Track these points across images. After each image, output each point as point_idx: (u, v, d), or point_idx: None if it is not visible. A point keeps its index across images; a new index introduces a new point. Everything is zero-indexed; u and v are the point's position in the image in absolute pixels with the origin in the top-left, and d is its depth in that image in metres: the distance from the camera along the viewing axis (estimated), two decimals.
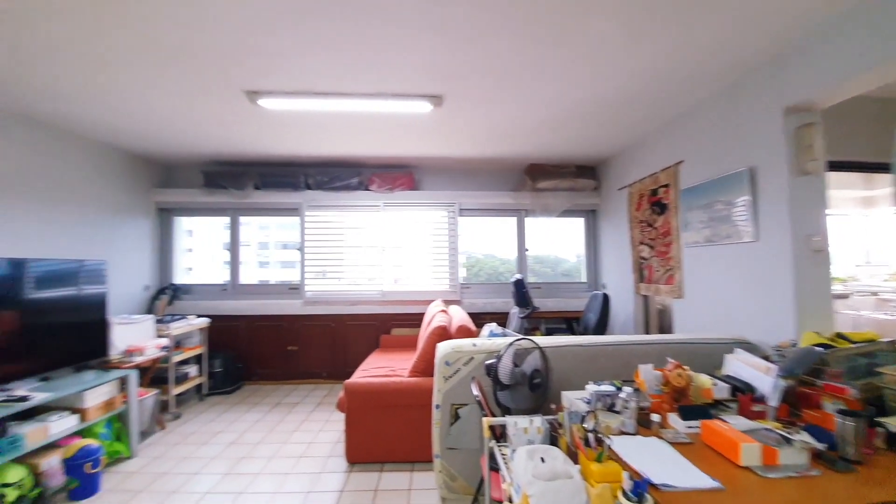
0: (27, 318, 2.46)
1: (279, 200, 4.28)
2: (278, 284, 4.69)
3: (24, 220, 2.86)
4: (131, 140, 3.50)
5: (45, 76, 2.29)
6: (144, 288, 4.12)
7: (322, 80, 2.37)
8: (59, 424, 2.25)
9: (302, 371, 4.31)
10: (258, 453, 2.77)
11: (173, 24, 1.82)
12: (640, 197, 3.39)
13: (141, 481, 2.42)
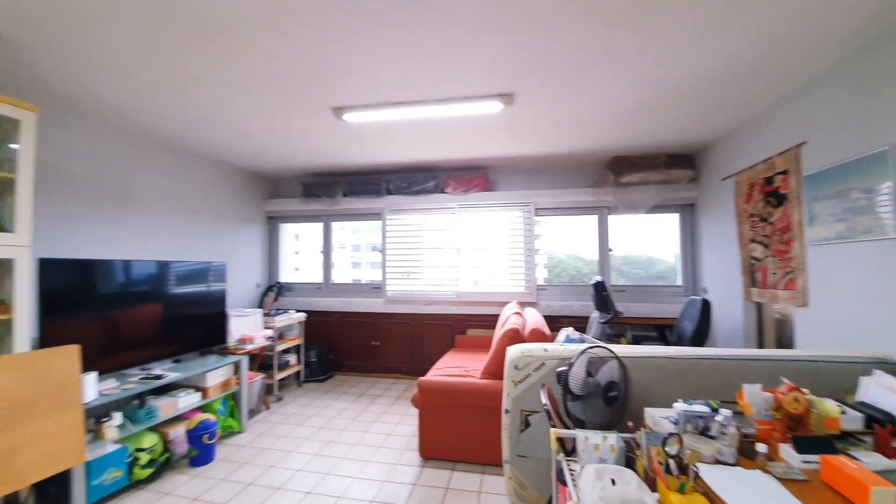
0: (168, 310, 3.00)
1: (364, 206, 4.60)
2: (364, 284, 5.04)
3: (167, 228, 3.50)
4: (245, 159, 4.07)
5: (181, 107, 2.78)
6: (256, 286, 4.75)
7: (396, 90, 2.48)
8: (185, 400, 2.71)
9: (384, 365, 4.56)
10: (343, 439, 3.00)
11: (271, 55, 2.07)
12: (750, 187, 2.91)
13: (248, 454, 2.79)
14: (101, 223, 2.91)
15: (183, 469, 2.58)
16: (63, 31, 1.86)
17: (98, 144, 2.91)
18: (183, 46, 1.99)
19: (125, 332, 2.68)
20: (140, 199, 3.24)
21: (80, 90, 2.47)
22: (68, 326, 2.31)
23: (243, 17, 1.77)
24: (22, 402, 1.70)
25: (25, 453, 1.69)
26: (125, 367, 2.63)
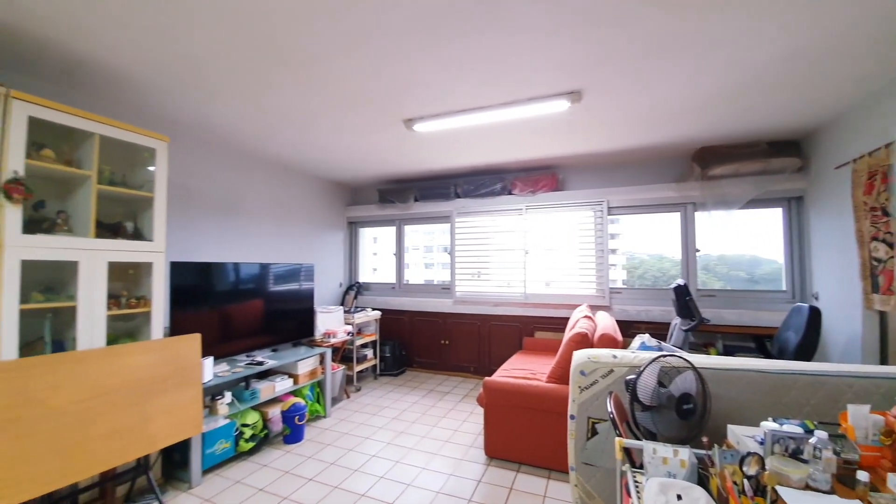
0: (268, 305, 3.44)
1: (434, 210, 4.79)
2: (434, 284, 5.22)
3: (267, 234, 4.02)
4: (329, 171, 4.49)
5: (278, 130, 3.18)
6: (339, 285, 5.20)
7: (462, 98, 2.57)
8: (281, 384, 3.08)
9: (453, 364, 4.69)
10: (413, 430, 3.17)
11: (349, 78, 2.30)
12: (870, 176, 2.46)
13: (330, 436, 3.09)
14: (216, 231, 3.45)
15: (278, 445, 2.95)
16: (184, 74, 2.26)
17: (214, 165, 3.45)
18: (277, 77, 2.29)
19: (235, 324, 3.14)
20: (246, 209, 3.77)
21: (198, 121, 2.97)
22: (191, 318, 2.78)
23: (325, 48, 1.99)
24: (155, 379, 2.10)
25: (156, 422, 2.09)
26: (234, 354, 3.08)
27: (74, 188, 2.17)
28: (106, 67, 2.18)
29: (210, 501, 2.27)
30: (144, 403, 2.03)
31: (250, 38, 1.91)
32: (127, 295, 2.34)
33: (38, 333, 2.00)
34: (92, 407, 1.83)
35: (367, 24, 1.80)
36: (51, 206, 2.11)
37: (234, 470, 2.61)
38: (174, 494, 2.33)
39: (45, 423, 1.68)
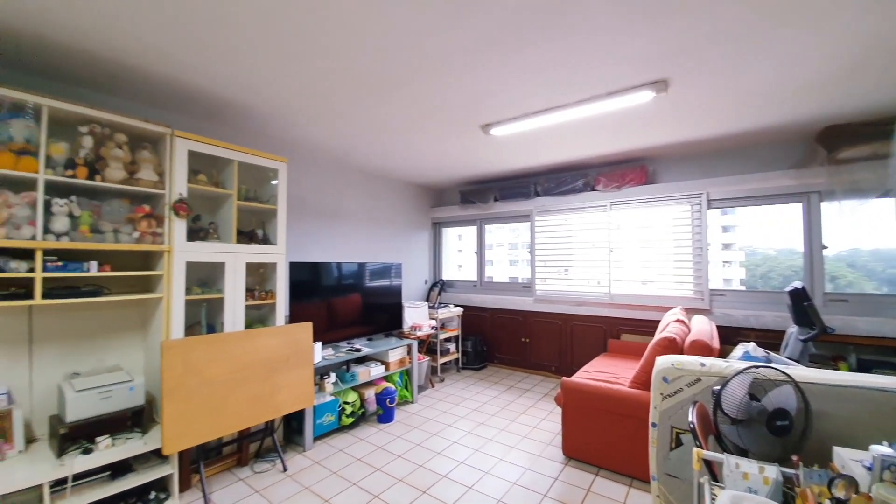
0: (364, 299, 3.88)
1: (513, 209, 4.84)
2: (515, 282, 5.27)
3: (364, 237, 4.51)
4: (415, 175, 4.84)
5: (372, 144, 3.58)
6: (424, 282, 5.56)
7: (538, 100, 2.62)
8: (375, 370, 3.47)
9: (533, 362, 4.70)
10: (492, 423, 3.31)
11: (434, 94, 2.51)
12: None
13: (417, 420, 3.39)
14: (323, 234, 4.00)
15: (372, 423, 3.34)
16: (298, 106, 2.70)
17: (320, 178, 4.00)
18: (369, 100, 2.61)
19: (337, 315, 3.62)
20: (346, 215, 4.29)
21: (308, 142, 3.49)
22: (305, 309, 3.29)
23: (409, 71, 2.22)
24: (280, 358, 2.57)
25: (280, 393, 2.56)
26: (337, 341, 3.56)
27: (221, 204, 2.76)
28: (241, 105, 2.72)
29: (319, 464, 2.69)
30: (272, 377, 2.51)
31: (347, 71, 2.22)
32: (258, 289, 2.90)
33: (196, 318, 2.60)
34: (235, 378, 2.33)
35: (447, 45, 1.96)
36: (204, 219, 2.72)
37: (337, 440, 3.04)
38: (291, 455, 2.82)
39: (201, 388, 2.20)
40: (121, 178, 2.14)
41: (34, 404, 2.13)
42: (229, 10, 1.70)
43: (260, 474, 2.56)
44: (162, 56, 2.06)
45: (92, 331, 2.32)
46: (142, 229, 2.20)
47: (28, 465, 1.87)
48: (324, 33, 1.87)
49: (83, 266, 2.02)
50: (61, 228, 1.95)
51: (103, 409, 2.06)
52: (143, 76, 2.28)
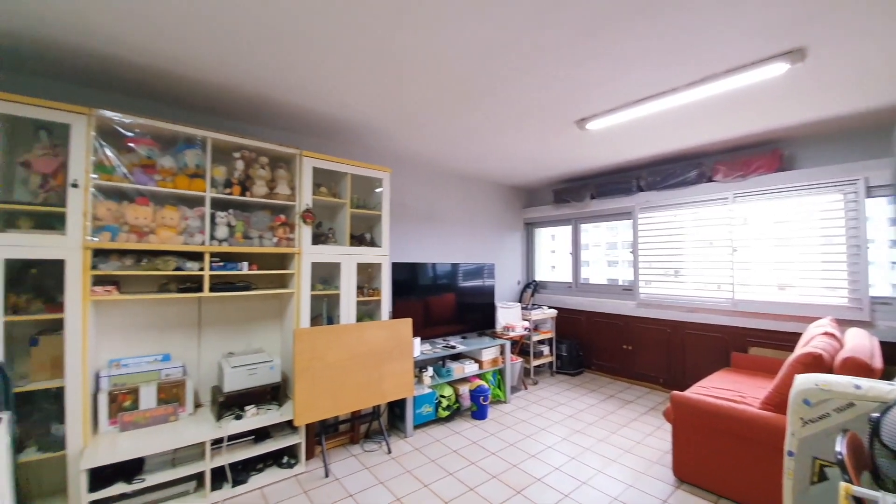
0: (458, 299, 4.03)
1: (613, 206, 4.55)
2: (615, 284, 4.94)
3: (458, 238, 4.69)
4: (508, 177, 4.86)
5: (464, 149, 3.71)
6: (516, 283, 5.54)
7: (639, 88, 2.45)
8: (469, 367, 3.58)
9: (637, 371, 4.35)
10: (590, 432, 3.17)
11: (524, 94, 2.53)
12: None
13: (510, 420, 3.41)
14: (420, 236, 4.26)
15: (467, 418, 3.45)
16: (399, 119, 2.94)
17: (418, 183, 4.27)
18: (462, 108, 2.73)
19: (433, 313, 3.82)
20: (442, 217, 4.51)
21: (407, 151, 3.76)
22: (405, 306, 3.54)
23: (509, 71, 2.26)
24: (385, 349, 2.82)
25: (386, 382, 2.80)
26: (433, 338, 3.76)
27: (337, 212, 3.14)
28: (352, 125, 3.06)
29: (419, 450, 2.89)
30: (379, 366, 2.77)
31: (441, 84, 2.36)
32: (366, 286, 3.22)
33: (318, 311, 2.99)
34: (349, 365, 2.63)
35: (541, 43, 1.96)
36: (325, 225, 3.12)
37: (434, 430, 3.22)
38: (394, 439, 3.06)
39: (324, 372, 2.53)
40: (264, 193, 2.59)
41: (201, 376, 2.68)
42: (347, 46, 1.94)
43: (368, 453, 2.84)
44: (294, 88, 2.44)
45: (242, 318, 2.85)
46: (279, 235, 2.63)
47: (195, 425, 2.35)
48: (421, 52, 2.02)
49: (237, 266, 2.50)
50: (222, 235, 2.44)
51: (251, 384, 2.51)
52: (278, 107, 2.72)
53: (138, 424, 2.24)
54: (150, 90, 2.47)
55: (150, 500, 2.14)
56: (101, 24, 1.81)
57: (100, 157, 2.07)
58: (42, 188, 2.06)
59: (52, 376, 2.01)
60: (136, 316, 2.46)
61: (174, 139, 2.35)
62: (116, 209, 2.12)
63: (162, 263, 2.26)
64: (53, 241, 1.96)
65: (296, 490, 2.38)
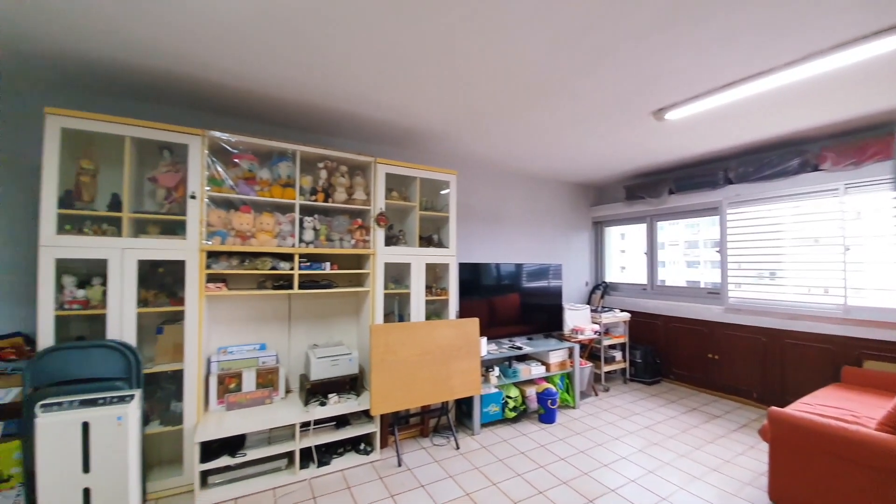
0: (522, 299, 4.00)
1: (695, 201, 4.19)
2: (698, 287, 4.54)
3: (521, 238, 4.65)
4: (573, 174, 4.71)
5: (528, 148, 3.68)
6: (584, 284, 5.34)
7: (725, 72, 2.25)
8: (535, 369, 3.54)
9: (724, 384, 3.96)
10: (669, 446, 2.97)
11: (592, 90, 2.46)
12: None
13: (580, 426, 3.31)
14: (485, 237, 4.30)
15: (533, 420, 3.42)
16: (465, 123, 3.00)
17: (482, 184, 4.31)
18: (526, 107, 2.72)
19: (498, 313, 3.83)
20: (506, 217, 4.51)
21: (473, 154, 3.82)
22: (471, 305, 3.60)
23: (577, 67, 2.23)
24: (453, 347, 2.90)
25: (454, 379, 2.87)
26: (499, 338, 3.77)
27: (407, 214, 3.29)
28: (420, 131, 3.19)
29: (486, 449, 2.92)
30: (447, 364, 2.86)
31: (507, 86, 2.37)
32: (434, 286, 3.33)
33: (390, 308, 3.16)
34: (419, 360, 2.75)
35: (613, 36, 1.90)
36: (396, 227, 3.28)
37: (500, 430, 3.23)
38: (462, 436, 3.13)
39: (396, 366, 2.67)
40: (343, 199, 2.81)
41: (290, 365, 2.96)
42: (416, 61, 2.05)
43: (437, 447, 2.94)
44: (370, 103, 2.63)
45: (325, 313, 3.10)
46: (356, 238, 2.83)
47: (287, 409, 2.61)
48: (486, 56, 2.06)
49: (321, 265, 2.74)
50: (309, 238, 2.68)
51: (333, 374, 2.73)
52: (356, 120, 2.93)
53: (241, 405, 2.55)
54: (250, 111, 2.80)
55: (249, 473, 2.43)
56: (212, 59, 2.10)
57: (212, 171, 2.41)
58: (166, 199, 2.44)
59: (173, 360, 2.37)
60: (239, 309, 2.80)
61: (270, 153, 2.65)
62: (225, 216, 2.45)
63: (260, 263, 2.56)
64: (176, 244, 2.32)
65: (372, 475, 2.55)
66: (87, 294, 2.18)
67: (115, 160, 2.27)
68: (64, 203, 2.10)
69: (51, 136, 2.03)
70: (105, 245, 2.15)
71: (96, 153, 2.31)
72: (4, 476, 1.94)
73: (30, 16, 1.77)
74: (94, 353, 2.07)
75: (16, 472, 1.96)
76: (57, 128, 2.03)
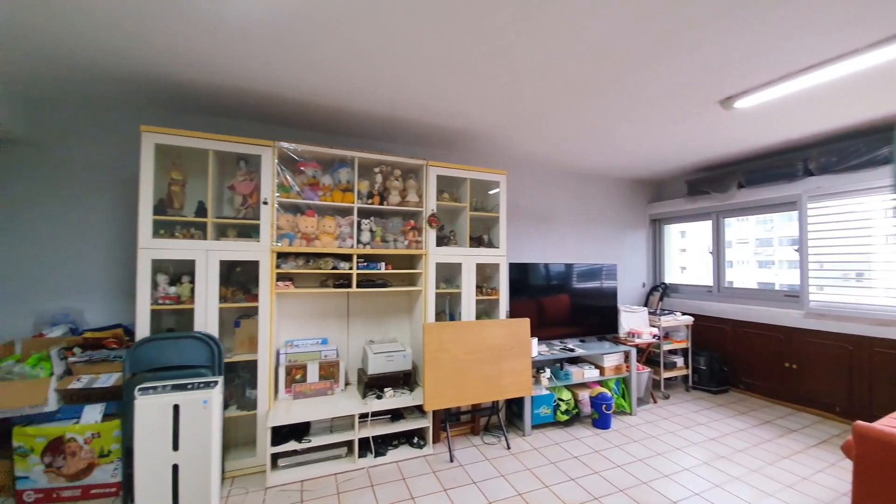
0: (573, 300, 3.91)
1: (769, 196, 3.86)
2: (766, 289, 4.17)
3: (572, 238, 4.55)
4: (630, 170, 4.52)
5: (581, 145, 3.59)
6: (641, 285, 5.10)
7: (802, 55, 2.07)
8: (588, 372, 3.45)
9: (803, 396, 3.61)
10: (738, 460, 2.77)
11: (654, 80, 2.37)
12: None
13: (637, 434, 3.18)
14: (534, 237, 4.27)
15: (587, 425, 3.33)
16: (516, 122, 3.00)
17: (534, 184, 4.28)
18: (576, 102, 2.67)
19: (549, 313, 3.77)
20: (556, 217, 4.44)
21: (522, 153, 3.80)
22: (521, 305, 3.58)
23: (635, 58, 2.16)
24: (504, 346, 2.91)
25: (504, 379, 2.88)
26: (550, 339, 3.71)
27: (457, 215, 3.36)
28: (470, 133, 3.23)
29: (538, 451, 2.91)
30: (498, 363, 2.88)
31: (560, 81, 2.35)
32: (485, 286, 3.36)
33: (442, 307, 3.24)
34: (470, 359, 2.79)
35: (674, 23, 1.82)
36: (447, 228, 3.35)
37: (552, 433, 3.19)
38: (512, 436, 3.13)
39: (448, 363, 2.73)
40: (397, 201, 2.92)
41: (349, 359, 3.13)
42: (467, 64, 2.09)
43: (488, 446, 2.97)
44: (422, 108, 2.72)
45: (379, 311, 3.25)
46: (409, 238, 2.94)
47: (346, 400, 2.77)
48: (539, 53, 2.05)
49: (377, 265, 2.87)
50: (365, 240, 2.82)
51: (388, 369, 2.85)
52: (409, 125, 3.04)
53: (306, 394, 2.75)
54: (313, 122, 3.00)
55: (313, 458, 2.61)
56: (281, 77, 2.29)
57: (281, 179, 2.61)
58: (242, 205, 2.68)
59: (249, 351, 2.60)
60: (303, 306, 3.01)
61: (332, 160, 2.83)
62: (292, 220, 2.65)
63: (323, 263, 2.74)
64: (251, 246, 2.54)
65: (425, 469, 2.63)
66: (178, 291, 2.46)
67: (200, 171, 2.54)
68: (158, 210, 2.38)
69: (146, 150, 2.30)
70: (193, 247, 2.41)
71: (184, 165, 2.59)
72: (105, 451, 2.21)
73: (127, 44, 2.03)
74: (184, 344, 2.34)
75: (115, 449, 2.22)
76: (151, 143, 2.31)
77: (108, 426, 2.22)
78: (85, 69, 2.25)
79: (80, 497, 2.19)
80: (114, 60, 2.16)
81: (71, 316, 2.65)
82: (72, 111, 2.68)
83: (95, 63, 2.18)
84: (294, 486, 2.41)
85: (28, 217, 2.60)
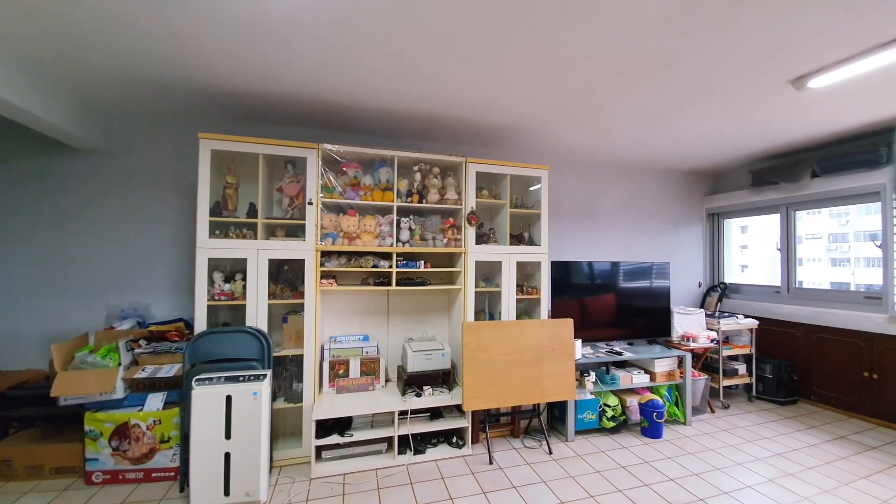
0: (619, 300, 3.71)
1: (848, 185, 3.44)
2: (842, 289, 3.73)
3: (619, 234, 4.32)
4: (683, 160, 4.22)
5: (629, 135, 3.41)
6: (697, 285, 4.75)
7: (883, 27, 1.83)
8: (637, 377, 3.26)
9: (884, 409, 3.20)
10: (808, 478, 2.50)
11: (716, 60, 2.19)
12: None
13: (691, 445, 2.96)
14: (577, 234, 4.10)
15: (636, 434, 3.15)
16: (558, 115, 2.89)
17: (577, 179, 4.12)
18: (627, 89, 2.52)
19: (593, 314, 3.61)
20: (601, 214, 4.24)
21: (565, 146, 3.66)
22: (564, 305, 3.45)
23: (691, 40, 2.00)
24: (546, 348, 2.81)
25: (546, 381, 2.79)
26: (595, 341, 3.55)
27: (497, 213, 3.29)
28: (510, 128, 3.16)
29: (581, 458, 2.79)
30: (539, 364, 2.79)
31: (606, 69, 2.23)
32: (525, 285, 3.28)
33: (481, 306, 3.19)
34: (511, 360, 2.73)
35: (728, 3, 1.66)
36: (486, 226, 3.30)
37: (597, 440, 3.05)
38: (554, 441, 3.03)
39: (488, 363, 2.68)
40: (436, 199, 2.92)
41: (389, 356, 3.17)
42: (508, 58, 2.03)
43: (528, 449, 2.89)
44: (462, 104, 2.70)
45: (418, 309, 3.26)
46: (448, 236, 2.92)
47: (386, 397, 2.80)
48: (584, 40, 1.95)
49: (416, 264, 2.88)
50: (405, 238, 2.84)
51: (427, 367, 2.86)
52: (448, 122, 3.03)
53: (349, 389, 2.82)
54: (354, 124, 3.08)
55: (355, 452, 2.67)
56: (326, 83, 2.35)
57: (325, 180, 2.69)
58: (289, 206, 2.79)
59: (296, 346, 2.70)
60: (345, 303, 3.09)
61: (372, 161, 2.87)
62: (335, 220, 2.73)
63: (364, 262, 2.79)
64: (298, 245, 2.64)
65: (464, 469, 2.61)
66: (232, 287, 2.61)
67: (252, 174, 2.67)
68: (213, 212, 2.54)
69: (203, 156, 2.45)
70: (245, 247, 2.55)
71: (237, 169, 2.74)
72: (165, 437, 2.37)
73: (185, 59, 2.17)
74: (237, 338, 2.47)
75: (174, 435, 2.38)
76: (208, 149, 2.46)
77: (168, 413, 2.38)
78: (151, 84, 2.46)
79: (143, 479, 2.38)
80: (175, 74, 2.33)
81: (139, 310, 2.90)
82: (140, 124, 2.95)
83: (159, 77, 2.36)
84: (336, 479, 2.48)
85: (103, 220, 2.89)
